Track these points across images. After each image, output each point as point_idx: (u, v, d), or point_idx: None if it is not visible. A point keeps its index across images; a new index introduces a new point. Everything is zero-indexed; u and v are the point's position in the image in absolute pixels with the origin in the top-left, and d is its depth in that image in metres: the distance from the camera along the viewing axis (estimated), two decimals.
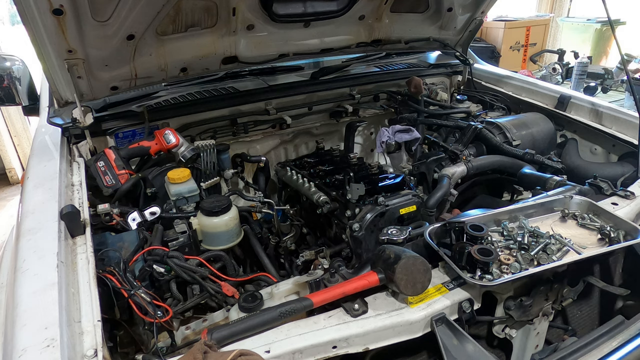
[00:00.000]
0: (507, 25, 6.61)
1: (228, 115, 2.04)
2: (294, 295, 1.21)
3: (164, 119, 1.90)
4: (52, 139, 1.68)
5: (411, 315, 1.04)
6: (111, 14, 1.48)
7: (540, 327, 1.25)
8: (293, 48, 2.07)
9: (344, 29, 2.13)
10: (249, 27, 1.86)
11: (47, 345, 0.79)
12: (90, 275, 1.01)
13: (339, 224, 1.65)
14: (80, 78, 1.61)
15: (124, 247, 1.32)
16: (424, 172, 1.86)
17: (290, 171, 1.93)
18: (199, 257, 1.39)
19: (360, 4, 2.01)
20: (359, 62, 2.51)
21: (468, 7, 2.30)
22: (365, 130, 2.48)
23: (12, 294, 0.94)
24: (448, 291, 1.11)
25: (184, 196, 1.56)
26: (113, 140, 1.83)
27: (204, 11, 1.70)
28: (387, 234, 1.28)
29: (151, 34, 1.64)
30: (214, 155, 1.86)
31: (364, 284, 1.07)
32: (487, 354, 1.02)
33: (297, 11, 1.91)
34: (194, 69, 1.89)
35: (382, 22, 2.20)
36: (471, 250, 1.13)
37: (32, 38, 1.40)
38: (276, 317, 0.99)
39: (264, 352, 0.93)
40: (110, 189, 1.56)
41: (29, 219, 1.16)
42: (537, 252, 1.19)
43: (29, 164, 1.54)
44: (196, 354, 0.82)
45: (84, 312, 0.92)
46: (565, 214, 1.37)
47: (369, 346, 1.02)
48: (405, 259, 1.04)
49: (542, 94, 2.21)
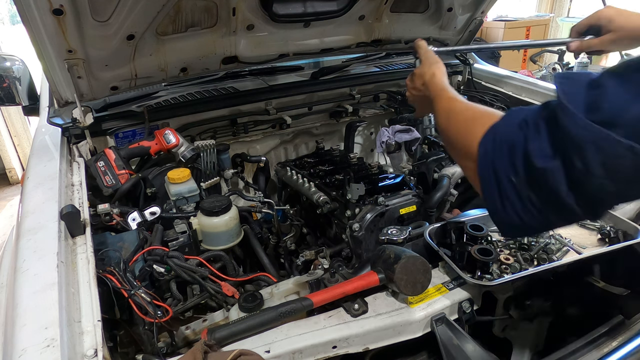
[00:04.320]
0: (507, 25, 6.61)
1: (228, 115, 2.04)
2: (294, 295, 1.21)
3: (164, 119, 1.90)
4: (52, 139, 1.68)
5: (411, 315, 1.04)
6: (111, 14, 1.47)
7: (540, 327, 1.25)
8: (293, 48, 2.07)
9: (344, 29, 2.13)
10: (249, 27, 1.86)
11: (47, 345, 0.79)
12: (90, 275, 1.01)
13: (339, 224, 1.65)
14: (80, 78, 1.61)
15: (124, 247, 1.32)
16: (424, 172, 1.86)
17: (290, 171, 1.93)
18: (199, 257, 1.39)
19: (360, 4, 2.01)
20: (359, 62, 2.51)
21: (468, 7, 2.30)
22: (365, 130, 2.48)
23: (12, 294, 0.94)
24: (448, 291, 1.11)
25: (184, 196, 1.56)
26: (113, 140, 1.83)
27: (204, 11, 1.69)
28: (387, 234, 1.28)
29: (151, 34, 1.64)
30: (214, 155, 1.86)
31: (364, 284, 1.07)
32: (487, 354, 1.02)
33: (297, 11, 1.91)
34: (194, 69, 1.89)
35: (382, 22, 2.20)
36: (471, 250, 1.13)
37: (32, 38, 1.40)
38: (276, 317, 0.99)
39: (264, 352, 0.93)
40: (110, 189, 1.56)
41: (29, 219, 1.16)
42: (537, 252, 1.19)
43: (29, 164, 1.54)
44: (196, 354, 0.82)
45: (84, 312, 0.92)
46: None
47: (369, 346, 1.02)
48: (405, 259, 1.04)
49: (542, 94, 2.21)
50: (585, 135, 0.58)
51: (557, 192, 0.62)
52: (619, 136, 0.55)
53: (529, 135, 0.65)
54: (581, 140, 0.58)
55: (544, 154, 0.62)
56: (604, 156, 0.57)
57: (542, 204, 0.66)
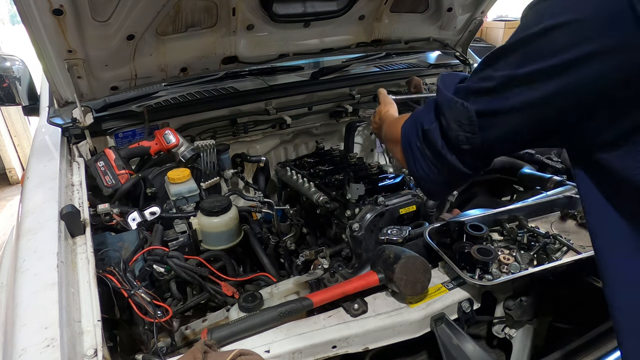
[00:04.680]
0: (507, 25, 6.61)
1: (228, 115, 2.04)
2: (294, 295, 1.21)
3: (164, 119, 1.90)
4: (52, 139, 1.68)
5: (411, 315, 1.04)
6: (111, 14, 1.48)
7: (540, 327, 1.25)
8: (293, 48, 2.07)
9: (344, 29, 2.13)
10: (249, 27, 1.87)
11: (47, 345, 0.79)
12: (90, 275, 1.01)
13: (338, 224, 1.65)
14: (80, 78, 1.61)
15: (124, 247, 1.32)
16: None
17: (290, 171, 1.93)
18: (199, 257, 1.39)
19: (360, 4, 2.01)
20: (359, 62, 2.51)
21: (468, 7, 2.30)
22: (365, 130, 2.47)
23: (12, 294, 0.94)
24: (448, 291, 1.11)
25: (184, 196, 1.56)
26: (113, 140, 1.83)
27: (204, 11, 1.70)
28: (387, 234, 1.28)
29: (151, 34, 1.64)
30: (214, 155, 1.86)
31: (364, 284, 1.07)
32: (486, 354, 1.02)
33: (297, 11, 1.91)
34: (194, 69, 1.89)
35: (382, 22, 2.20)
36: (471, 250, 1.13)
37: (32, 38, 1.40)
38: (276, 317, 1.00)
39: (264, 352, 0.93)
40: (110, 189, 1.56)
41: (29, 219, 1.17)
42: (536, 252, 1.19)
43: (29, 164, 1.54)
44: (196, 354, 0.82)
45: (84, 312, 0.93)
46: (565, 214, 1.37)
47: (369, 346, 1.02)
48: (405, 259, 1.04)
49: None
50: (444, 102, 0.84)
51: (436, 145, 0.87)
52: (462, 100, 0.80)
53: (425, 111, 0.93)
54: (442, 105, 0.84)
55: (429, 121, 0.89)
56: (454, 113, 0.81)
57: (434, 158, 0.89)
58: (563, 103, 0.69)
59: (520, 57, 0.70)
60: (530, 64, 0.69)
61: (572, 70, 0.65)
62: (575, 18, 0.63)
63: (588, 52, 0.62)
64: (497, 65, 0.75)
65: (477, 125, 0.78)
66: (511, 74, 0.72)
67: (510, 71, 0.72)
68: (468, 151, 0.83)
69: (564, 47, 0.64)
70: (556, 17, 0.64)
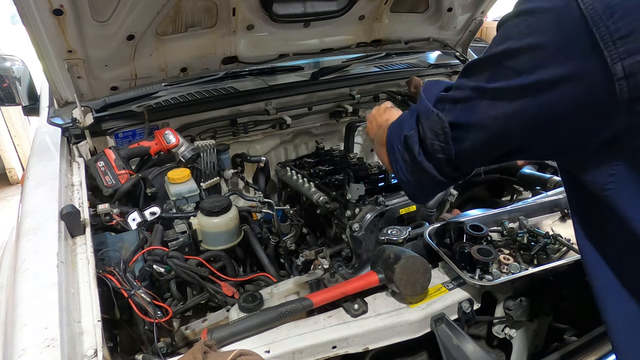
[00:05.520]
0: None
1: (228, 115, 2.04)
2: (294, 295, 1.21)
3: (164, 119, 1.90)
4: (52, 139, 1.68)
5: (411, 315, 1.04)
6: (111, 14, 1.48)
7: (540, 327, 1.25)
8: (293, 48, 2.07)
9: (343, 29, 2.13)
10: (249, 27, 1.87)
11: (47, 345, 0.79)
12: (90, 275, 1.01)
13: (338, 224, 1.64)
14: (80, 78, 1.61)
15: (124, 247, 1.32)
16: None
17: (290, 171, 1.93)
18: (199, 257, 1.39)
19: (360, 4, 2.01)
20: (359, 62, 2.51)
21: (468, 7, 2.30)
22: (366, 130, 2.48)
23: (12, 294, 0.95)
24: (448, 291, 1.11)
25: (184, 196, 1.56)
26: (113, 140, 1.83)
27: (204, 11, 1.70)
28: (387, 234, 1.28)
29: (151, 34, 1.64)
30: (214, 155, 1.86)
31: (364, 284, 1.07)
32: (486, 354, 1.02)
33: (297, 11, 1.91)
34: (194, 69, 1.89)
35: (382, 22, 2.20)
36: (471, 250, 1.13)
37: (32, 38, 1.40)
38: (276, 317, 1.00)
39: (264, 352, 0.93)
40: (110, 189, 1.56)
41: (29, 219, 1.17)
42: (536, 252, 1.19)
43: (29, 164, 1.54)
44: (196, 354, 0.82)
45: (84, 312, 0.93)
46: (565, 214, 1.37)
47: (369, 346, 1.02)
48: (405, 259, 1.04)
49: None
50: (422, 111, 0.86)
51: (414, 151, 0.88)
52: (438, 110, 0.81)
53: (407, 117, 0.93)
54: (420, 113, 0.87)
55: (410, 127, 0.90)
56: (430, 122, 0.83)
57: (412, 163, 0.91)
58: (526, 123, 0.69)
59: (490, 73, 0.72)
60: (497, 81, 0.70)
61: (533, 93, 0.65)
62: (538, 42, 0.63)
63: (549, 77, 0.62)
64: (471, 76, 0.77)
65: (451, 136, 0.80)
66: (481, 87, 0.73)
67: (481, 84, 0.73)
68: (444, 160, 0.84)
69: (527, 69, 0.65)
70: (522, 38, 0.65)
